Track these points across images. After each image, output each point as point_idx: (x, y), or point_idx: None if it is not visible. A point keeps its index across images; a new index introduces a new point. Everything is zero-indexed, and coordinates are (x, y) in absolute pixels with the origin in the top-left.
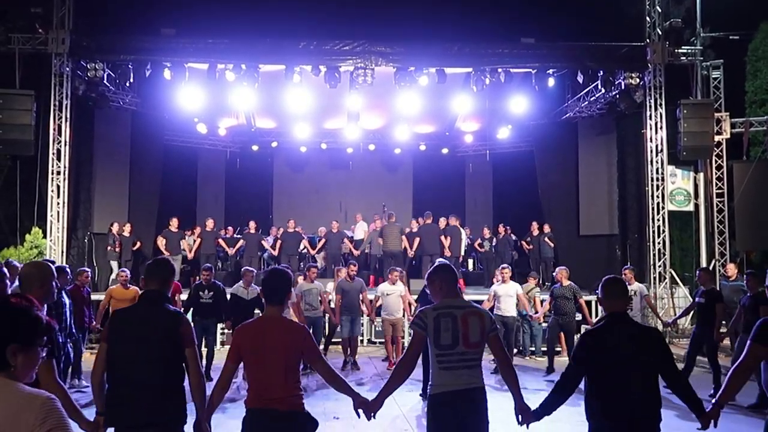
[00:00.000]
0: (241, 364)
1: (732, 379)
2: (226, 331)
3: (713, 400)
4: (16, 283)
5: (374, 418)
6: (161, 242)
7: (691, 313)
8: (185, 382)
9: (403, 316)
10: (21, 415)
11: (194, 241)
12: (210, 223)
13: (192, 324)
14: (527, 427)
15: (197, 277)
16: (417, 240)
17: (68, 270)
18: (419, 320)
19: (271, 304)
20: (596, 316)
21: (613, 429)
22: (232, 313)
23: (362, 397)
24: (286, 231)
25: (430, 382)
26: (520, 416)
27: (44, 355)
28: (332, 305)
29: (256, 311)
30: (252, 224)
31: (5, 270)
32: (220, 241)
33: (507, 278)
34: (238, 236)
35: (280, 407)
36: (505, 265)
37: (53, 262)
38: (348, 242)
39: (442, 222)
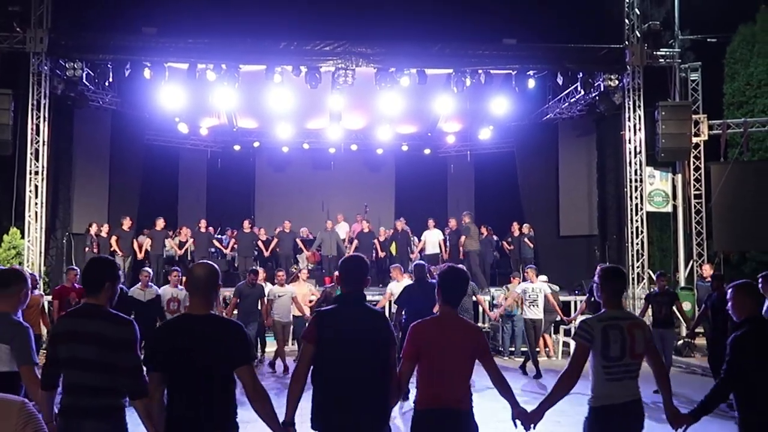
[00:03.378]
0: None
1: None
2: None
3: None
4: None
5: (533, 429)
6: (146, 242)
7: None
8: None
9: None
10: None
11: (180, 243)
12: (203, 224)
13: None
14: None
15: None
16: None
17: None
18: (584, 332)
19: (449, 304)
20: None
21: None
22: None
23: (522, 407)
24: (282, 231)
25: (591, 393)
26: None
27: None
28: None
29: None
30: (246, 224)
31: None
32: (215, 241)
33: (534, 277)
34: (220, 236)
35: (461, 407)
36: (531, 265)
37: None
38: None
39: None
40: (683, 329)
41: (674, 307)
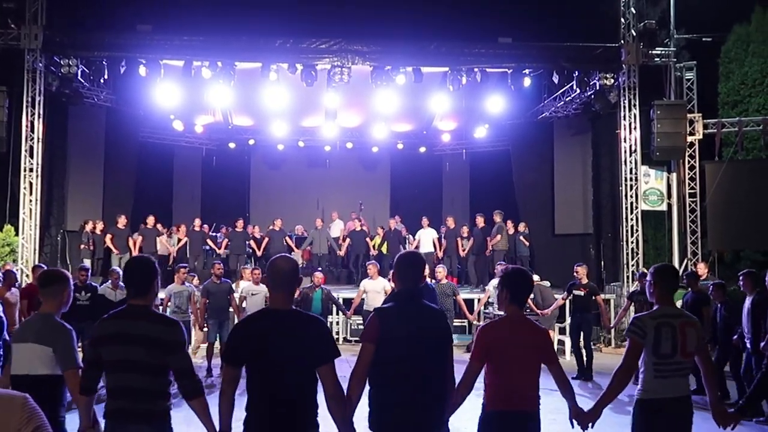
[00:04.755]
0: None
1: None
2: None
3: None
4: None
5: (591, 428)
6: (138, 240)
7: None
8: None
9: None
10: (2, 416)
11: (178, 240)
12: (197, 223)
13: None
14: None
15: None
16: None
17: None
18: (637, 328)
19: (516, 304)
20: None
21: None
22: (100, 315)
23: (579, 407)
24: (273, 230)
25: (639, 387)
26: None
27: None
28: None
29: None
30: (239, 223)
31: None
32: (209, 240)
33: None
34: (214, 234)
35: (530, 408)
36: (501, 262)
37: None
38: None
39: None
40: None
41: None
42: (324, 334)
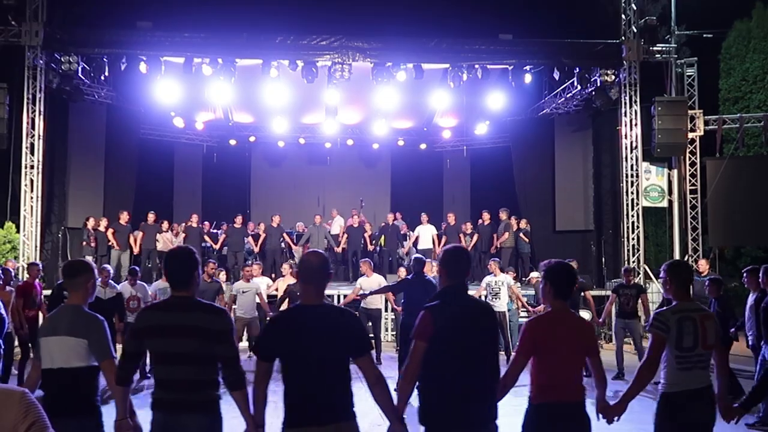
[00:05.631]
0: None
1: None
2: None
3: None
4: None
5: (617, 421)
6: (139, 236)
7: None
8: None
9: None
10: (1, 410)
11: (176, 234)
12: (195, 218)
13: None
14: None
15: None
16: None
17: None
18: (660, 323)
19: (560, 299)
20: None
21: None
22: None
23: (606, 401)
24: (270, 226)
25: (662, 381)
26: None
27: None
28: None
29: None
30: (238, 219)
31: None
32: (206, 237)
33: (497, 270)
34: (215, 231)
35: (576, 399)
36: (495, 258)
37: None
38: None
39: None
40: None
41: (639, 300)
42: (356, 328)
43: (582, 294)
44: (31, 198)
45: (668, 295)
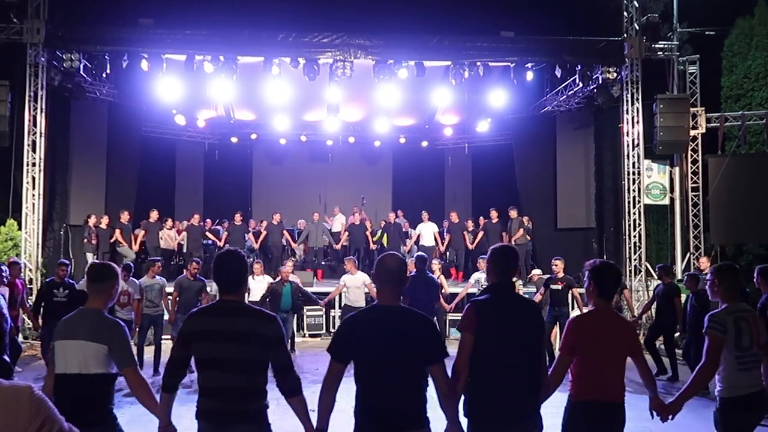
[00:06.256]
0: None
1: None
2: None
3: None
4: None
5: (671, 420)
6: (141, 234)
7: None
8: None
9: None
10: (11, 407)
11: (179, 232)
12: (196, 218)
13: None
14: None
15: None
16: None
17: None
18: (718, 325)
19: (604, 298)
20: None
21: None
22: None
23: (660, 399)
24: (271, 223)
25: (721, 384)
26: None
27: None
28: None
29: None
30: (238, 216)
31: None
32: (208, 234)
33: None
34: (217, 228)
35: (617, 399)
36: (483, 256)
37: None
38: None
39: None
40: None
41: (622, 296)
42: (432, 333)
43: (570, 291)
44: (33, 195)
45: (716, 297)
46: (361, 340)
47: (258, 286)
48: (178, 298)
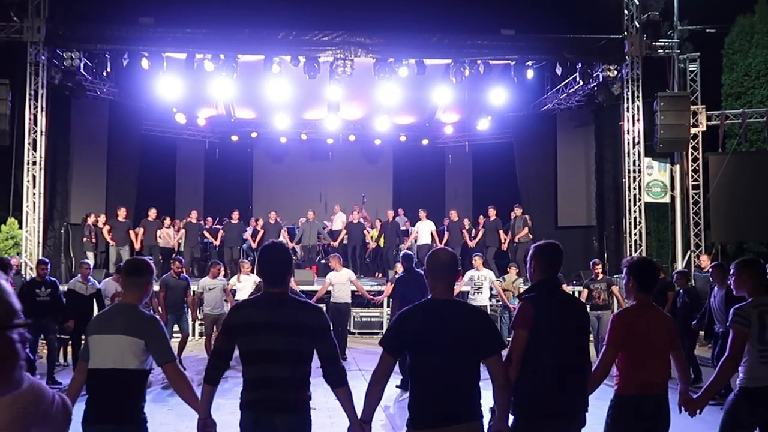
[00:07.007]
0: None
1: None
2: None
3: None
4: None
5: (699, 414)
6: (140, 232)
7: None
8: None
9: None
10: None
11: (178, 230)
12: (194, 215)
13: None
14: None
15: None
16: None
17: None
18: (742, 318)
19: (644, 292)
20: None
21: None
22: (71, 311)
23: (689, 395)
24: (268, 222)
25: (742, 375)
26: None
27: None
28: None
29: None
30: (235, 215)
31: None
32: (205, 232)
33: (480, 265)
34: (218, 227)
35: (662, 392)
36: (477, 254)
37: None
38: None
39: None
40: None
41: (612, 292)
42: (488, 326)
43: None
44: (34, 194)
45: (741, 291)
46: (417, 332)
47: (245, 285)
48: (165, 298)
